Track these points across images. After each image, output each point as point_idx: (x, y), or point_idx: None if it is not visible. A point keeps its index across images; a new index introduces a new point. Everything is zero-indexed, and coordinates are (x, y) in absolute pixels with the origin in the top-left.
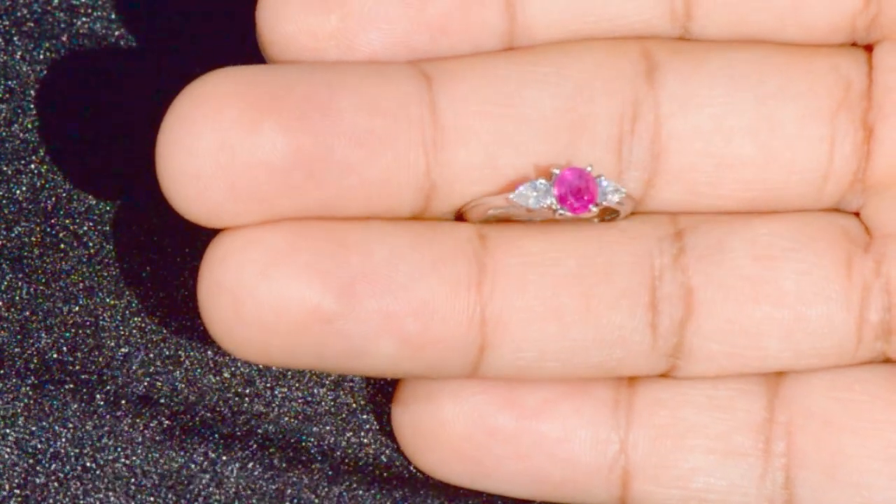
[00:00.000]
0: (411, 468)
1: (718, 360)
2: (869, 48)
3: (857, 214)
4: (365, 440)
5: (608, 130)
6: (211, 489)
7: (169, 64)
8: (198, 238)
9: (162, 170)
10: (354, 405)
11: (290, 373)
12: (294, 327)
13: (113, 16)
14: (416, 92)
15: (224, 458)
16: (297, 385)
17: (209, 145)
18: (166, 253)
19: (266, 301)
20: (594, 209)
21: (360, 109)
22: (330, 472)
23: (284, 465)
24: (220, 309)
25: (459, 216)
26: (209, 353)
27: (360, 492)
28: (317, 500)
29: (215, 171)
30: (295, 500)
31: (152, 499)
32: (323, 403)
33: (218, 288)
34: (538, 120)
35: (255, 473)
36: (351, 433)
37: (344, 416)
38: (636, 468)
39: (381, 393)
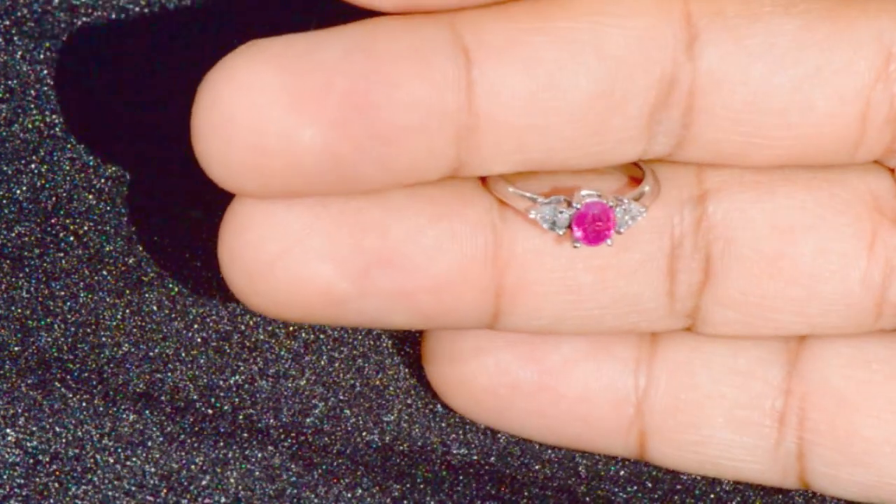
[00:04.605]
0: (411, 466)
1: (735, 325)
2: None
3: (893, 171)
4: (365, 438)
5: (642, 106)
6: (211, 489)
7: (170, 64)
8: (198, 237)
9: (197, 145)
10: (354, 403)
11: (291, 371)
12: (308, 307)
13: (113, 16)
14: (454, 77)
15: (225, 457)
16: (298, 383)
17: (242, 129)
18: (167, 252)
19: (280, 283)
20: (609, 242)
21: (398, 105)
22: (329, 471)
23: (285, 463)
24: (237, 280)
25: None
26: (210, 352)
27: (360, 490)
28: (316, 500)
29: (249, 160)
30: (295, 500)
31: (152, 499)
32: (324, 401)
33: (235, 261)
34: (573, 103)
35: (256, 473)
36: (352, 431)
37: (345, 414)
38: (652, 431)
39: (383, 391)
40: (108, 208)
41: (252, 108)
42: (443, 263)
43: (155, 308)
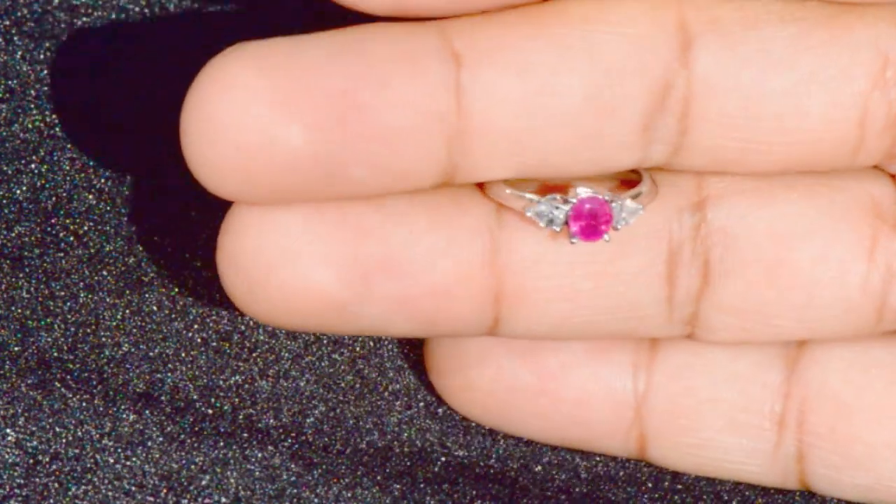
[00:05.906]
0: (411, 466)
1: (734, 331)
2: None
3: (894, 176)
4: (365, 438)
5: (636, 112)
6: (211, 489)
7: (170, 64)
8: (198, 237)
9: (185, 147)
10: (354, 403)
11: (291, 371)
12: (308, 315)
13: (113, 16)
14: (444, 80)
15: (225, 457)
16: (298, 383)
17: (225, 129)
18: (167, 252)
19: (278, 290)
20: (607, 238)
21: (388, 105)
22: (329, 471)
23: (285, 463)
24: (236, 287)
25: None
26: (210, 352)
27: (360, 490)
28: (316, 500)
29: (233, 161)
30: (295, 500)
31: (152, 499)
32: (324, 402)
33: (233, 268)
34: (565, 108)
35: (256, 473)
36: (352, 431)
37: (345, 414)
38: (652, 434)
39: (383, 392)
40: (108, 208)
41: (235, 107)
42: (441, 269)
43: (155, 308)
